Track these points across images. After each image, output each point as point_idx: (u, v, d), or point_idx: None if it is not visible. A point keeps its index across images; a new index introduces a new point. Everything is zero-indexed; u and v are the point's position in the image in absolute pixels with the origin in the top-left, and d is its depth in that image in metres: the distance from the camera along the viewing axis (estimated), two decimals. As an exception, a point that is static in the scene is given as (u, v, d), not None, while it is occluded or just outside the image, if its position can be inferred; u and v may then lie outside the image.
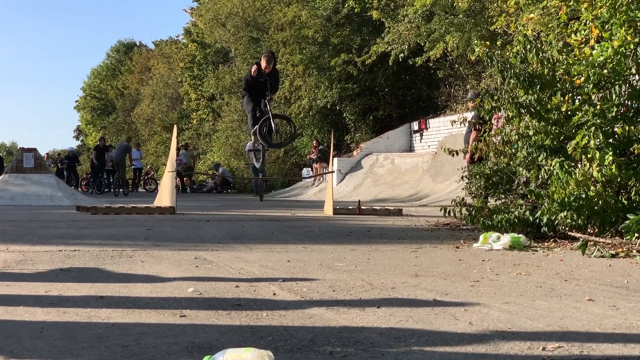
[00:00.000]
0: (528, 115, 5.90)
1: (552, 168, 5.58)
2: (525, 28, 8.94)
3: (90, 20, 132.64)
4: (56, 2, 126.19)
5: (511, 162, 6.54)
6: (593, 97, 5.70)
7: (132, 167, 24.48)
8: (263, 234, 6.93)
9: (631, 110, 5.83)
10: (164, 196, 10.72)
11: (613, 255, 4.96)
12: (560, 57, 5.89)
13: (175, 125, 11.80)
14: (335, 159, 19.46)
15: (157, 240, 6.03)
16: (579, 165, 5.65)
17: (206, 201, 16.65)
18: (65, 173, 25.25)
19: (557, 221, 5.70)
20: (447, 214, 6.46)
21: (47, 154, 33.42)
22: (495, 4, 14.38)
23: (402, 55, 18.43)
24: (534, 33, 9.18)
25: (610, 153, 5.41)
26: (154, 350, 2.29)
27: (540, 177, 5.90)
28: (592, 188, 5.46)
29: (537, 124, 5.89)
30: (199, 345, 2.35)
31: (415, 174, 18.33)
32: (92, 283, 3.66)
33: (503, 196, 6.84)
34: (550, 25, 8.94)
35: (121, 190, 21.09)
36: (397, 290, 3.49)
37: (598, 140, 5.41)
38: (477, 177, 6.97)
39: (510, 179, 6.70)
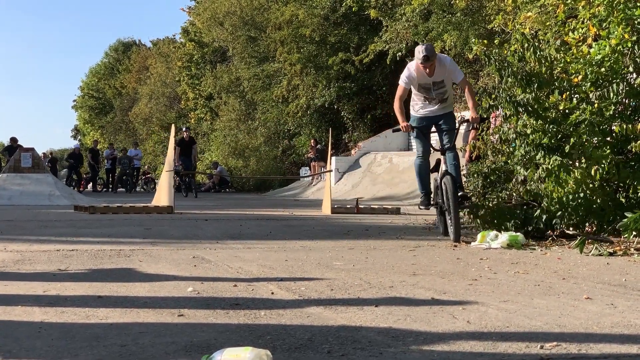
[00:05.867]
0: (526, 114, 5.89)
1: (550, 166, 5.58)
2: (523, 26, 8.93)
3: (88, 19, 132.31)
4: (52, 1, 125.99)
5: (509, 161, 6.53)
6: (591, 95, 5.70)
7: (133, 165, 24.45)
8: (261, 233, 6.93)
9: (629, 109, 5.83)
10: (162, 195, 10.72)
11: (611, 254, 4.96)
12: (558, 55, 5.89)
13: (173, 125, 11.78)
14: (333, 158, 19.45)
15: (155, 240, 6.03)
16: (577, 164, 5.65)
17: (204, 200, 16.64)
18: (67, 172, 25.06)
19: (554, 219, 5.70)
20: (445, 213, 6.44)
21: (44, 153, 33.36)
22: (492, 2, 14.37)
23: (399, 53, 18.43)
24: (532, 31, 9.17)
25: (608, 151, 5.41)
26: (152, 349, 2.29)
27: (538, 175, 5.90)
28: (589, 186, 5.46)
29: (534, 122, 5.88)
30: (197, 344, 2.35)
31: (413, 173, 18.30)
32: (90, 282, 3.66)
33: (501, 194, 6.83)
34: (547, 24, 8.93)
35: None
36: (395, 289, 3.49)
37: (596, 138, 5.41)
38: (475, 175, 6.97)
39: (508, 178, 6.69)
